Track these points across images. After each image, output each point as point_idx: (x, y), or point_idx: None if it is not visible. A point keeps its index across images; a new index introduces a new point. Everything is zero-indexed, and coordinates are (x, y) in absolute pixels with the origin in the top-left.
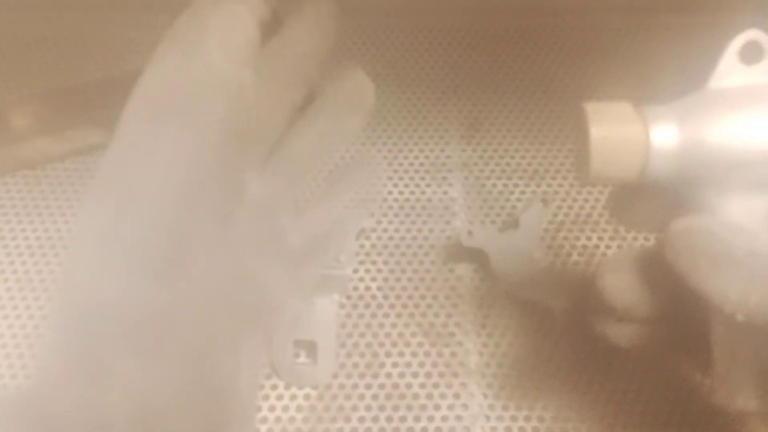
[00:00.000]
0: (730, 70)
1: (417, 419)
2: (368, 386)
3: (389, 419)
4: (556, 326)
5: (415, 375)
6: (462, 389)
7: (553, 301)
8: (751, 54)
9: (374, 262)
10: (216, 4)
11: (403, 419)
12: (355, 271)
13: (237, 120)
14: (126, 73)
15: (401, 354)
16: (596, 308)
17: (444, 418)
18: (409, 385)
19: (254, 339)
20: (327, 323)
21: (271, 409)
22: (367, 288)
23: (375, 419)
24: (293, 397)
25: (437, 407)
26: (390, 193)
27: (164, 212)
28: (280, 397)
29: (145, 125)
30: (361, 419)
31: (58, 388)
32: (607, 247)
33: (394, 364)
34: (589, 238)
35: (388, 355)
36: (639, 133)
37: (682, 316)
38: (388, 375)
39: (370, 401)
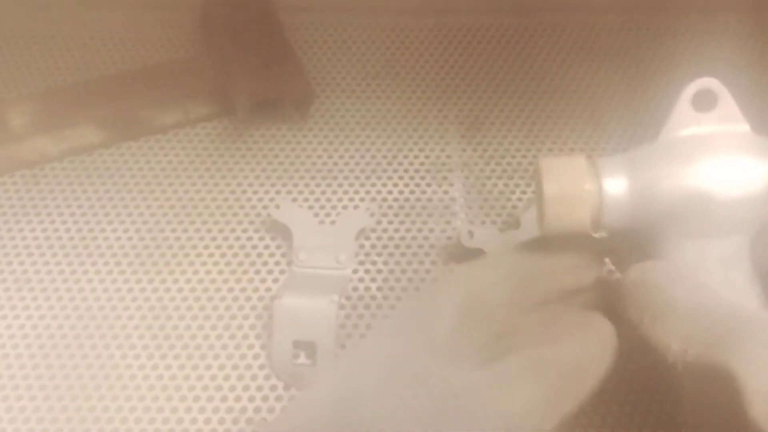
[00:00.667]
0: (683, 118)
1: None
2: None
3: None
4: None
5: None
6: None
7: None
8: (704, 101)
9: (374, 263)
10: None
11: None
12: (355, 271)
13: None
14: (125, 72)
15: None
16: None
17: None
18: None
19: None
20: (326, 324)
21: (270, 410)
22: (367, 288)
23: None
24: (292, 399)
25: None
26: (390, 193)
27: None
28: (279, 399)
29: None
30: None
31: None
32: None
33: None
34: None
35: None
36: (591, 187)
37: None
38: None
39: None
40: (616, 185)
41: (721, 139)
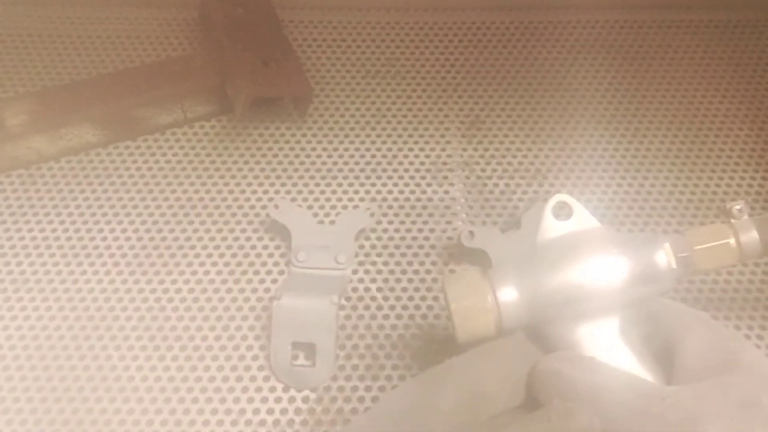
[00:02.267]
0: (549, 227)
1: None
2: (368, 389)
3: None
4: None
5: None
6: None
7: None
8: (563, 212)
9: (374, 263)
10: None
11: None
12: (355, 272)
13: None
14: (122, 70)
15: (402, 356)
16: None
17: None
18: None
19: None
20: (326, 325)
21: (270, 411)
22: (367, 289)
23: None
24: (291, 400)
25: None
26: (390, 193)
27: None
28: (278, 400)
29: None
30: None
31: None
32: None
33: (395, 367)
34: None
35: (388, 357)
36: (489, 299)
37: None
38: (389, 377)
39: (369, 404)
40: (507, 292)
41: (582, 238)
